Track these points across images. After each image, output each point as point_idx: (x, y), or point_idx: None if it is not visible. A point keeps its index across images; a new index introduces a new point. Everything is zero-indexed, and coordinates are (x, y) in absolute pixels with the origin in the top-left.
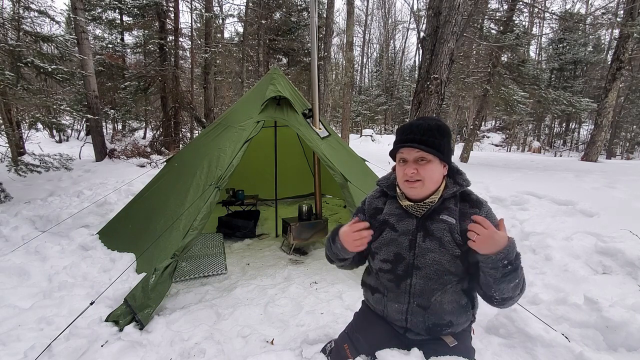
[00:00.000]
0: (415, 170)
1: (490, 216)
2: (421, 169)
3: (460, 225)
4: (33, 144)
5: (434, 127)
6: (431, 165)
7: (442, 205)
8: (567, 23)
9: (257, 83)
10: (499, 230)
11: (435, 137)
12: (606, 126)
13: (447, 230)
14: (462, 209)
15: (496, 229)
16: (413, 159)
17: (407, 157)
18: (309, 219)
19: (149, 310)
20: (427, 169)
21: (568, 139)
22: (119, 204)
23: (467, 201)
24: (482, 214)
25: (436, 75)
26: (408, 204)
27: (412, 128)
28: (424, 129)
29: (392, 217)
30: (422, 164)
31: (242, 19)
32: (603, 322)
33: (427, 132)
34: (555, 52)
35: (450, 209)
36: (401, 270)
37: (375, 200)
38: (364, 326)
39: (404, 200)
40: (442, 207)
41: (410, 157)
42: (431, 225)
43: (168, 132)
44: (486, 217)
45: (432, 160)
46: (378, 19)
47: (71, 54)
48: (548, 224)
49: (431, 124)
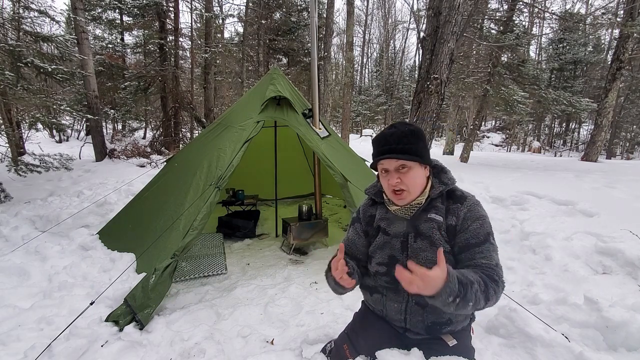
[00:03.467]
0: (398, 179)
1: (472, 210)
2: (404, 177)
3: (446, 222)
4: (33, 144)
5: (408, 132)
6: (412, 171)
7: (430, 204)
8: (567, 23)
9: (257, 83)
10: (437, 266)
11: (411, 142)
12: (606, 126)
13: (436, 229)
14: (447, 206)
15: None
16: (394, 168)
17: (388, 167)
18: (309, 219)
19: (149, 310)
20: (409, 176)
21: (568, 139)
22: (119, 204)
23: (452, 197)
24: (465, 209)
25: (436, 75)
26: (396, 209)
27: (387, 138)
28: (398, 136)
29: (383, 222)
30: (404, 172)
31: (242, 19)
32: (603, 322)
33: (402, 140)
34: (555, 52)
35: (438, 207)
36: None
37: (369, 209)
38: (364, 326)
39: (391, 205)
40: (430, 207)
41: (391, 167)
42: (420, 225)
43: (168, 132)
44: (468, 211)
45: (413, 166)
46: (378, 19)
47: (71, 54)
48: (548, 224)
49: (404, 130)
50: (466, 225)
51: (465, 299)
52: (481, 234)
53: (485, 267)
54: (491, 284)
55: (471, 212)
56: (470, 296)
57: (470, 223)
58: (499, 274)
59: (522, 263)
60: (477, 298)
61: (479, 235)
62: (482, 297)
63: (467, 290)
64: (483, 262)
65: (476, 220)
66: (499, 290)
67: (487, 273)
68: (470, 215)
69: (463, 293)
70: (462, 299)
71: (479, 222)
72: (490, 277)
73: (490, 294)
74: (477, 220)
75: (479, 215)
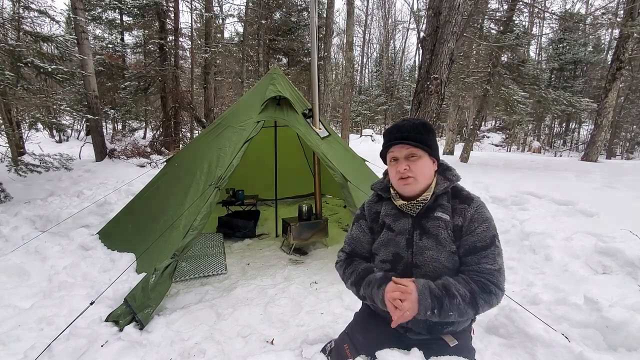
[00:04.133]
0: (407, 167)
1: (479, 212)
2: (412, 165)
3: (453, 221)
4: (33, 144)
5: (419, 124)
6: (421, 161)
7: (436, 202)
8: (567, 23)
9: (257, 83)
10: (407, 294)
11: (421, 133)
12: (606, 126)
13: (443, 228)
14: (453, 205)
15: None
16: (404, 156)
17: (397, 155)
18: (309, 219)
19: (149, 310)
20: (418, 164)
21: (568, 139)
22: (119, 204)
23: (458, 197)
24: (472, 210)
25: (436, 75)
26: (402, 203)
27: (399, 127)
28: (409, 127)
29: (388, 218)
30: (413, 160)
31: (242, 19)
32: (603, 322)
33: (413, 130)
34: (555, 52)
35: (444, 205)
36: (400, 269)
37: (374, 205)
38: (364, 326)
39: (398, 200)
40: (436, 205)
41: (400, 154)
42: (427, 223)
43: (168, 132)
44: (475, 212)
45: (422, 155)
46: (378, 19)
47: (71, 54)
48: (548, 224)
49: (416, 122)
50: (473, 227)
51: (448, 314)
52: (487, 237)
53: (486, 273)
54: (481, 295)
55: (478, 214)
56: (450, 307)
57: (477, 225)
58: (498, 281)
59: (522, 263)
60: (461, 310)
61: (485, 238)
62: (469, 308)
63: (444, 308)
64: (487, 268)
65: (483, 223)
66: (492, 298)
67: (484, 282)
68: (477, 217)
69: (441, 310)
70: (443, 313)
71: (485, 225)
72: (484, 287)
73: (479, 304)
74: (484, 223)
75: (485, 218)
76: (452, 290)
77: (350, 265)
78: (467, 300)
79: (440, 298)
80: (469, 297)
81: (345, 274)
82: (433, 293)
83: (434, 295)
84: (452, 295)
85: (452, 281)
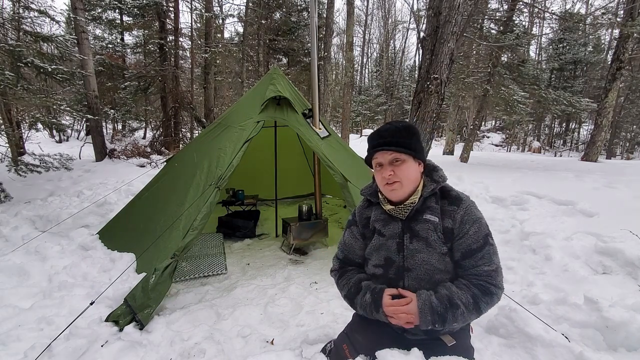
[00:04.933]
0: (392, 172)
1: (468, 213)
2: (397, 169)
3: (442, 223)
4: (33, 144)
5: (402, 128)
6: (406, 164)
7: (424, 204)
8: (567, 23)
9: (257, 83)
10: (406, 305)
11: (404, 137)
12: (606, 126)
13: (432, 230)
14: (442, 206)
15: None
16: (388, 161)
17: (382, 160)
18: (309, 219)
19: (149, 310)
20: (402, 169)
21: (568, 139)
22: (119, 204)
23: (447, 198)
24: (461, 212)
25: (436, 75)
26: (390, 208)
27: (382, 132)
28: (392, 131)
29: (378, 223)
30: (398, 165)
31: (242, 19)
32: (603, 322)
33: (396, 134)
34: (555, 52)
35: (432, 207)
36: (393, 273)
37: (365, 211)
38: (363, 326)
39: (386, 204)
40: (425, 207)
41: (385, 160)
42: (416, 226)
43: (168, 132)
44: (465, 214)
45: (406, 159)
46: (378, 19)
47: (71, 54)
48: (548, 224)
49: (398, 125)
50: (465, 229)
51: (450, 323)
52: (480, 237)
53: (485, 275)
54: (483, 298)
55: (468, 215)
56: (453, 319)
57: (469, 227)
58: (497, 281)
59: (522, 263)
60: (465, 317)
61: (479, 239)
62: (473, 313)
63: (446, 318)
64: (485, 270)
65: (474, 224)
66: (493, 299)
67: (484, 284)
68: (467, 218)
69: (443, 320)
70: (445, 322)
71: (477, 226)
72: (485, 289)
73: (482, 307)
74: (475, 224)
75: (476, 218)
76: (455, 300)
77: (342, 277)
78: (470, 308)
79: (442, 314)
80: (472, 304)
81: (339, 284)
82: (435, 310)
83: (436, 312)
84: (455, 305)
85: (454, 289)
